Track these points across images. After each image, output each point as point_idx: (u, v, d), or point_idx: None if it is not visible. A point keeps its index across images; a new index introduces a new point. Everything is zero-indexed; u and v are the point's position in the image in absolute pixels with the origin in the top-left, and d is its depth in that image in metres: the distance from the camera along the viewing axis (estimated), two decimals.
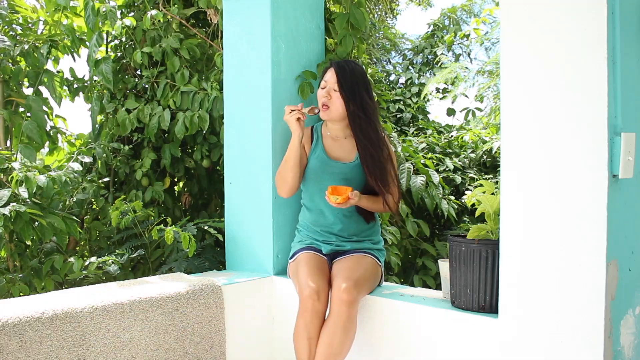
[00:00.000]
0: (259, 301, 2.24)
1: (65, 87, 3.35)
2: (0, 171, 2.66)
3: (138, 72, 3.33)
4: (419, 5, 8.90)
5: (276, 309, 2.26)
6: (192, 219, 3.29)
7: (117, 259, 2.59)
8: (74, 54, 3.22)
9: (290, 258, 2.17)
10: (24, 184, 2.48)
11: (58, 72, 3.29)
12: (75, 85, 3.38)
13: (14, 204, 2.36)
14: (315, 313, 1.85)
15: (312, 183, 2.15)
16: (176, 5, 3.11)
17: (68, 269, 2.58)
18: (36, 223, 2.57)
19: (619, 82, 1.38)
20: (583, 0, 1.39)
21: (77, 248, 3.19)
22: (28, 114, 3.10)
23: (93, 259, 2.57)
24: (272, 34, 2.28)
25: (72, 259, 2.59)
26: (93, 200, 3.18)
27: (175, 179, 3.45)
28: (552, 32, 1.45)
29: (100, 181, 3.20)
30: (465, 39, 6.05)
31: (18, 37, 3.14)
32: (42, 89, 3.19)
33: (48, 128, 3.16)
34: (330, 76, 2.11)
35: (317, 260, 2.03)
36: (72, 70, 3.36)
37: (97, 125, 3.33)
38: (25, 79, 3.19)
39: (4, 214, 2.26)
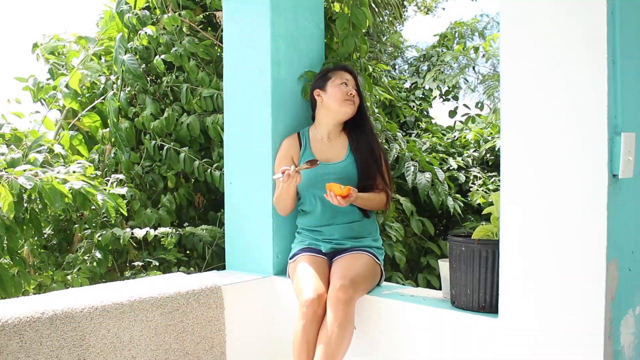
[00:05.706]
0: (259, 301, 2.24)
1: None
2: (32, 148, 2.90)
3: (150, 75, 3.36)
4: (426, 14, 8.90)
5: (276, 309, 2.26)
6: (201, 219, 3.42)
7: (172, 231, 2.82)
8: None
9: (291, 258, 2.17)
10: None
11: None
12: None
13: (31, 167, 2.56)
14: (315, 317, 1.85)
15: (307, 188, 2.14)
16: (186, 10, 3.13)
17: (109, 240, 2.80)
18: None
19: (619, 82, 1.37)
20: (583, 0, 1.39)
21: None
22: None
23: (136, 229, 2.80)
24: (272, 34, 2.28)
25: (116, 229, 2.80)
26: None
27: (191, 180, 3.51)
28: (552, 32, 1.45)
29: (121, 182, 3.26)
30: (472, 51, 6.04)
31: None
32: None
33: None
34: (348, 77, 2.19)
35: (317, 262, 2.03)
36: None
37: (120, 127, 3.34)
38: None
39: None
